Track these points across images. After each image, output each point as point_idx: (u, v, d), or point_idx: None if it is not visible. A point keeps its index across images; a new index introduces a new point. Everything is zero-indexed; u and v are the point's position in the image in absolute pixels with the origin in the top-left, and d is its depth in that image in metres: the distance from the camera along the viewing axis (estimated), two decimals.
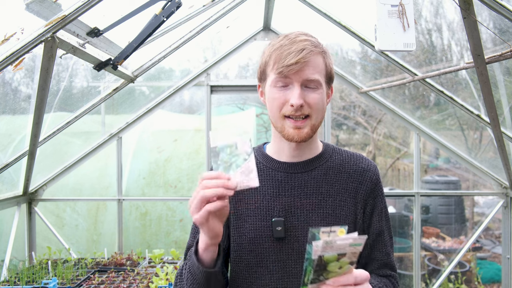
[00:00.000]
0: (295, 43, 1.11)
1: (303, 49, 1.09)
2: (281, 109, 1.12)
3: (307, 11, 2.90)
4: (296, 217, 1.15)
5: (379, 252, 1.23)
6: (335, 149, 1.26)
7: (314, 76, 1.11)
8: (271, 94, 1.14)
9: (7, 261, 3.03)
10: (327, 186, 1.18)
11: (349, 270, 0.94)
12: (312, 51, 1.10)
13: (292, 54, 1.09)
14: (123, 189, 3.73)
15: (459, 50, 3.01)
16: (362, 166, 1.23)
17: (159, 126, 4.69)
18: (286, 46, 1.11)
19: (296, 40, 1.11)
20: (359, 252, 0.94)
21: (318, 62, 1.12)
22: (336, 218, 1.16)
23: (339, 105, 7.10)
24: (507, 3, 1.67)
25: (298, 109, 1.09)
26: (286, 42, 1.12)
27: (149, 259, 3.16)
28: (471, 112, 2.93)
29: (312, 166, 1.20)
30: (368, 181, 1.21)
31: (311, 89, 1.12)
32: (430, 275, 4.63)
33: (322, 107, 1.14)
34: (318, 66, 1.12)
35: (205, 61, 3.76)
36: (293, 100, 1.09)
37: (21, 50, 1.69)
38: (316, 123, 1.14)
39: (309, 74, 1.10)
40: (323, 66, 1.14)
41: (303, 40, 1.11)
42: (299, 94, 1.09)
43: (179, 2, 2.09)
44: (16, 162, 2.89)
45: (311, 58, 1.10)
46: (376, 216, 1.22)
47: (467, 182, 5.86)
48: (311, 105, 1.11)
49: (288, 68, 1.08)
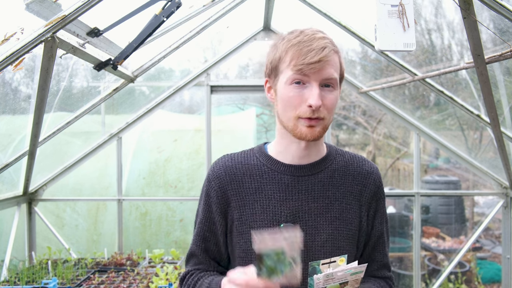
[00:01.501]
0: (315, 40, 1.05)
1: (325, 47, 1.04)
2: (296, 109, 1.07)
3: (307, 11, 2.90)
4: (304, 222, 1.13)
5: (379, 254, 1.24)
6: (338, 151, 1.24)
7: (334, 75, 1.07)
8: (285, 91, 1.08)
9: (7, 261, 3.02)
10: (334, 189, 1.16)
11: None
12: (332, 50, 1.07)
13: (314, 52, 1.03)
14: (123, 189, 3.73)
15: (459, 50, 3.01)
16: (365, 168, 1.22)
17: (159, 126, 4.69)
18: (306, 43, 1.05)
19: (316, 37, 1.06)
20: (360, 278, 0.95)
21: (336, 60, 1.09)
22: (343, 222, 1.15)
23: (339, 105, 7.10)
24: (507, 3, 1.67)
25: (317, 110, 1.05)
26: (304, 38, 1.06)
27: (149, 259, 3.16)
28: (471, 112, 2.93)
29: (319, 168, 1.17)
30: (372, 184, 1.20)
31: (328, 89, 1.08)
32: (430, 275, 4.63)
33: (335, 106, 1.11)
34: (336, 65, 1.09)
35: (205, 61, 3.76)
36: (312, 101, 1.03)
37: (21, 50, 1.69)
38: (328, 123, 1.11)
39: (329, 74, 1.06)
40: (338, 65, 1.11)
41: (322, 37, 1.07)
42: (318, 94, 1.04)
43: (179, 2, 2.09)
44: (16, 162, 2.89)
45: (332, 57, 1.06)
46: (378, 219, 1.22)
47: (467, 182, 5.86)
48: (327, 107, 1.07)
49: (309, 66, 1.03)
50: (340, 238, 1.14)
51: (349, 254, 1.16)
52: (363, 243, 1.22)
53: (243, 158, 1.22)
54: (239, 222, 1.16)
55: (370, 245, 1.23)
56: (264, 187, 1.16)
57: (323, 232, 1.13)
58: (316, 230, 1.13)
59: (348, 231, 1.15)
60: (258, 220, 1.14)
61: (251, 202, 1.16)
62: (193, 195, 4.10)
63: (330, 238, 1.13)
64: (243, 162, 1.21)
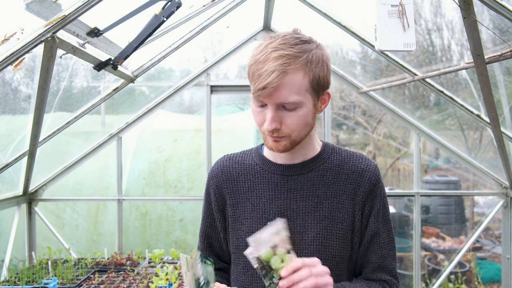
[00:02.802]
0: (268, 62, 1.00)
1: (273, 71, 0.99)
2: (260, 126, 1.09)
3: (307, 11, 2.90)
4: (292, 220, 1.14)
5: (374, 254, 1.19)
6: (335, 149, 1.23)
7: (289, 98, 1.01)
8: (253, 107, 1.10)
9: (7, 261, 3.03)
10: (324, 188, 1.16)
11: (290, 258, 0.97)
12: (284, 72, 0.99)
13: (261, 78, 1.00)
14: (123, 189, 3.73)
15: (459, 50, 3.01)
16: (361, 166, 1.19)
17: (159, 126, 4.69)
18: (260, 64, 1.01)
19: (270, 58, 1.00)
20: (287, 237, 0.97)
21: (294, 80, 1.01)
22: (333, 220, 1.14)
23: (339, 105, 7.10)
24: (507, 3, 1.67)
25: (273, 131, 1.06)
26: (261, 58, 1.02)
27: (149, 259, 3.16)
28: (471, 112, 2.93)
29: (309, 168, 1.17)
30: (367, 182, 1.17)
31: (289, 110, 1.04)
32: (430, 275, 4.63)
33: (303, 124, 1.08)
34: (294, 85, 1.01)
35: (205, 61, 3.76)
36: (266, 125, 1.05)
37: (21, 50, 1.69)
38: (298, 138, 1.10)
39: (282, 98, 1.01)
40: (304, 81, 1.02)
41: (277, 57, 1.00)
42: (272, 118, 1.03)
43: (179, 2, 2.09)
44: (16, 162, 2.89)
45: (282, 80, 1.00)
46: (372, 217, 1.18)
47: (467, 182, 5.87)
48: (288, 127, 1.06)
49: (258, 93, 1.02)
50: (329, 237, 1.13)
51: (340, 254, 1.14)
52: (358, 243, 1.19)
53: (240, 158, 1.27)
54: (232, 219, 1.21)
55: (364, 245, 1.19)
56: (255, 186, 1.20)
57: (311, 231, 1.13)
58: (304, 228, 1.13)
59: (339, 230, 1.14)
60: (248, 218, 1.18)
61: (243, 201, 1.20)
62: (193, 195, 4.10)
63: (318, 237, 1.13)
64: (240, 162, 1.25)
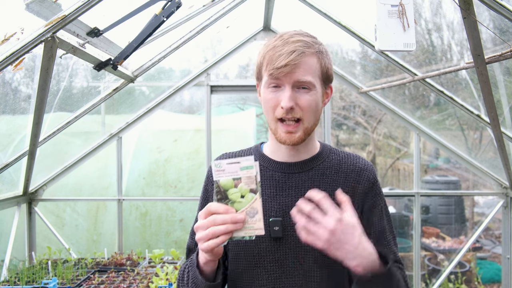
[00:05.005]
0: (287, 44, 1.10)
1: (294, 51, 1.08)
2: (274, 111, 1.13)
3: (307, 11, 2.90)
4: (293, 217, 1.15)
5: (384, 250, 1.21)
6: (332, 150, 1.26)
7: (305, 78, 1.10)
8: (264, 95, 1.15)
9: (7, 261, 3.02)
10: (325, 186, 1.18)
11: (254, 199, 0.98)
12: (303, 53, 1.09)
13: (283, 56, 1.08)
14: (123, 189, 3.73)
15: (459, 50, 3.01)
16: (359, 165, 1.22)
17: (159, 126, 4.69)
18: (279, 47, 1.10)
19: (289, 41, 1.10)
20: (254, 176, 0.98)
21: (311, 63, 1.11)
22: None
23: (339, 105, 7.10)
24: (507, 3, 1.67)
25: (288, 111, 1.10)
26: (279, 43, 1.11)
27: (149, 259, 3.16)
28: (471, 112, 2.93)
29: (309, 166, 1.20)
30: (366, 180, 1.21)
31: (304, 90, 1.11)
32: (430, 275, 4.63)
33: (315, 108, 1.13)
34: (310, 67, 1.11)
35: (205, 61, 3.76)
36: (283, 103, 1.09)
37: (21, 50, 1.69)
38: (310, 125, 1.14)
39: (300, 76, 1.09)
40: (317, 66, 1.13)
41: (295, 41, 1.10)
42: (289, 96, 1.09)
43: (179, 2, 2.09)
44: (16, 162, 2.89)
45: (302, 59, 1.09)
46: (376, 216, 1.21)
47: (467, 182, 5.87)
48: (302, 108, 1.11)
49: (278, 70, 1.08)
50: None
51: None
52: None
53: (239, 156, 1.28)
54: None
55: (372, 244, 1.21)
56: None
57: None
58: None
59: None
60: None
61: None
62: (193, 195, 4.10)
63: None
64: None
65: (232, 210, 0.99)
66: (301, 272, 1.15)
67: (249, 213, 0.99)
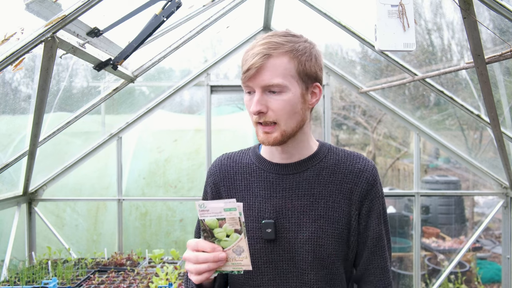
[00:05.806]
0: (255, 48, 1.07)
1: (257, 54, 1.05)
2: (251, 115, 1.12)
3: (307, 11, 2.90)
4: (287, 219, 1.14)
5: (380, 258, 1.20)
6: (332, 149, 1.22)
7: (273, 80, 1.05)
8: (244, 99, 1.14)
9: (7, 261, 3.02)
10: (320, 187, 1.15)
11: (239, 239, 0.99)
12: (268, 55, 1.05)
13: (247, 61, 1.06)
14: (123, 189, 3.73)
15: (459, 50, 3.01)
16: (358, 166, 1.18)
17: (159, 126, 4.69)
18: (248, 52, 1.08)
19: (257, 44, 1.08)
20: (237, 218, 0.98)
21: (279, 64, 1.05)
22: (328, 220, 1.14)
23: (339, 105, 7.10)
24: (507, 3, 1.67)
25: (260, 116, 1.08)
26: (250, 47, 1.10)
27: (149, 259, 3.16)
28: (471, 112, 2.93)
29: (304, 167, 1.17)
30: (364, 182, 1.16)
31: (275, 93, 1.07)
32: (430, 275, 4.63)
33: (291, 110, 1.08)
34: (278, 68, 1.05)
35: (205, 61, 3.76)
36: (251, 108, 1.08)
37: (21, 50, 1.69)
38: (288, 128, 1.09)
39: (266, 79, 1.05)
40: (289, 66, 1.06)
41: (263, 43, 1.07)
42: (257, 100, 1.06)
43: (179, 2, 2.09)
44: (16, 162, 2.89)
45: (267, 62, 1.05)
46: (374, 219, 1.17)
47: (467, 182, 5.87)
48: (275, 111, 1.07)
49: (244, 75, 1.07)
50: (324, 236, 1.12)
51: (336, 253, 1.14)
52: (356, 243, 1.18)
53: (238, 157, 1.27)
54: None
55: (368, 248, 1.18)
56: (251, 185, 1.20)
57: (305, 230, 1.13)
58: (299, 227, 1.13)
59: (334, 229, 1.13)
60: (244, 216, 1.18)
61: (240, 199, 1.20)
62: (193, 195, 4.10)
63: (313, 236, 1.12)
64: (237, 160, 1.26)
65: (219, 248, 1.00)
66: (295, 274, 1.14)
67: (236, 251, 1.00)
